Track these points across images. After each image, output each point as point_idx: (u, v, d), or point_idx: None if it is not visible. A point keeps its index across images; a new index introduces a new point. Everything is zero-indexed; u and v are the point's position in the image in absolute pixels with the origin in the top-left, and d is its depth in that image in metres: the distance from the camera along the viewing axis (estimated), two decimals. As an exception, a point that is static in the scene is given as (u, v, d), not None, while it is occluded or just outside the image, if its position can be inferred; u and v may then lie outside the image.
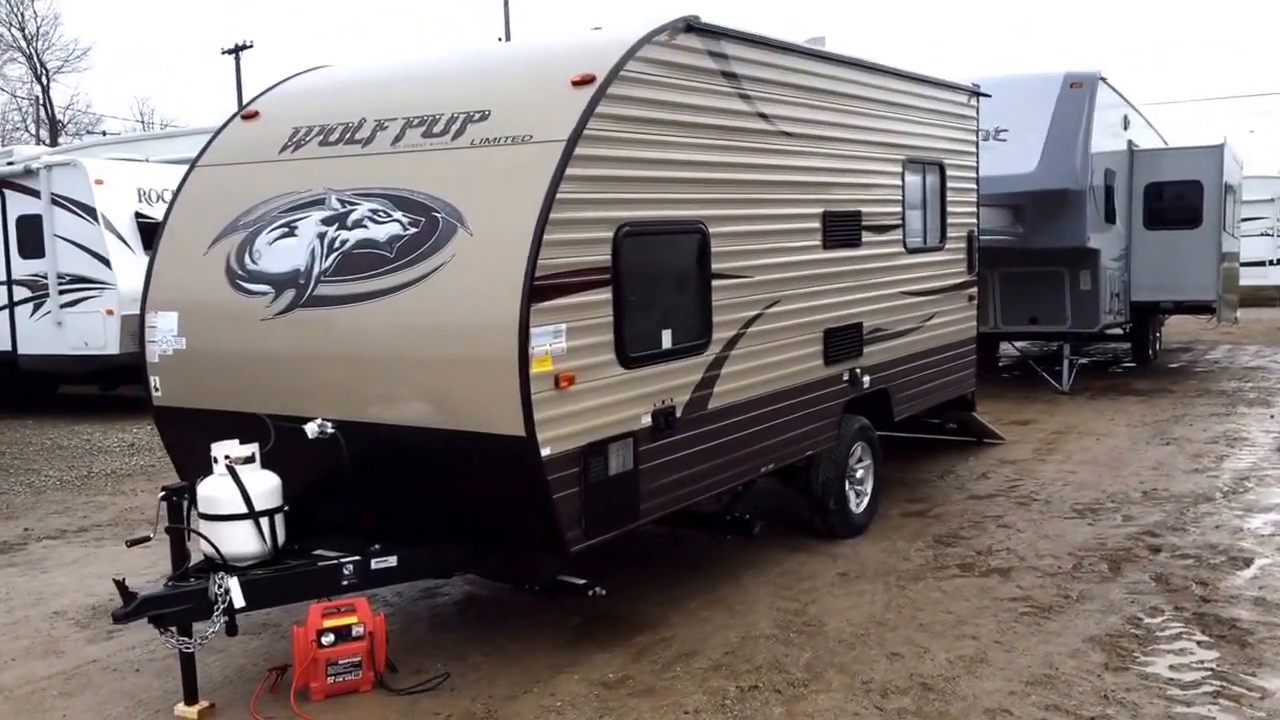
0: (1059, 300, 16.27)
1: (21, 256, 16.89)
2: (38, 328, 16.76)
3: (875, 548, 8.68)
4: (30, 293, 16.84)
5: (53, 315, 16.52)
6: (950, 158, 10.39)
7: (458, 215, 6.05)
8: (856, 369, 8.83)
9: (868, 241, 8.92)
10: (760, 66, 7.55)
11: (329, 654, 6.13)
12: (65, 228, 16.30)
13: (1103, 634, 6.77)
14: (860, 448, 9.09)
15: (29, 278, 16.81)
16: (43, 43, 51.34)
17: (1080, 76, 15.12)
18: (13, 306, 17.03)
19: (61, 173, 16.36)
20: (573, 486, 6.02)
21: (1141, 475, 11.02)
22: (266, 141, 7.24)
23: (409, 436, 6.13)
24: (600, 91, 6.14)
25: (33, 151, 17.35)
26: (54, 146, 34.63)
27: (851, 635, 6.86)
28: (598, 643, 6.83)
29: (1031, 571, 8.00)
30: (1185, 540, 8.69)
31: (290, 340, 6.52)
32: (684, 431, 6.87)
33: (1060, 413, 14.93)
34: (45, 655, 7.00)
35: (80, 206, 16.13)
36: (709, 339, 7.08)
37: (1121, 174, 17.00)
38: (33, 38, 50.87)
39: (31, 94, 51.23)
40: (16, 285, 16.98)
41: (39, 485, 12.15)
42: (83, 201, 16.09)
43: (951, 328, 10.56)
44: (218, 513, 5.96)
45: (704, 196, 7.03)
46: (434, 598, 7.81)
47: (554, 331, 5.84)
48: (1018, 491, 10.44)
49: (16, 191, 16.79)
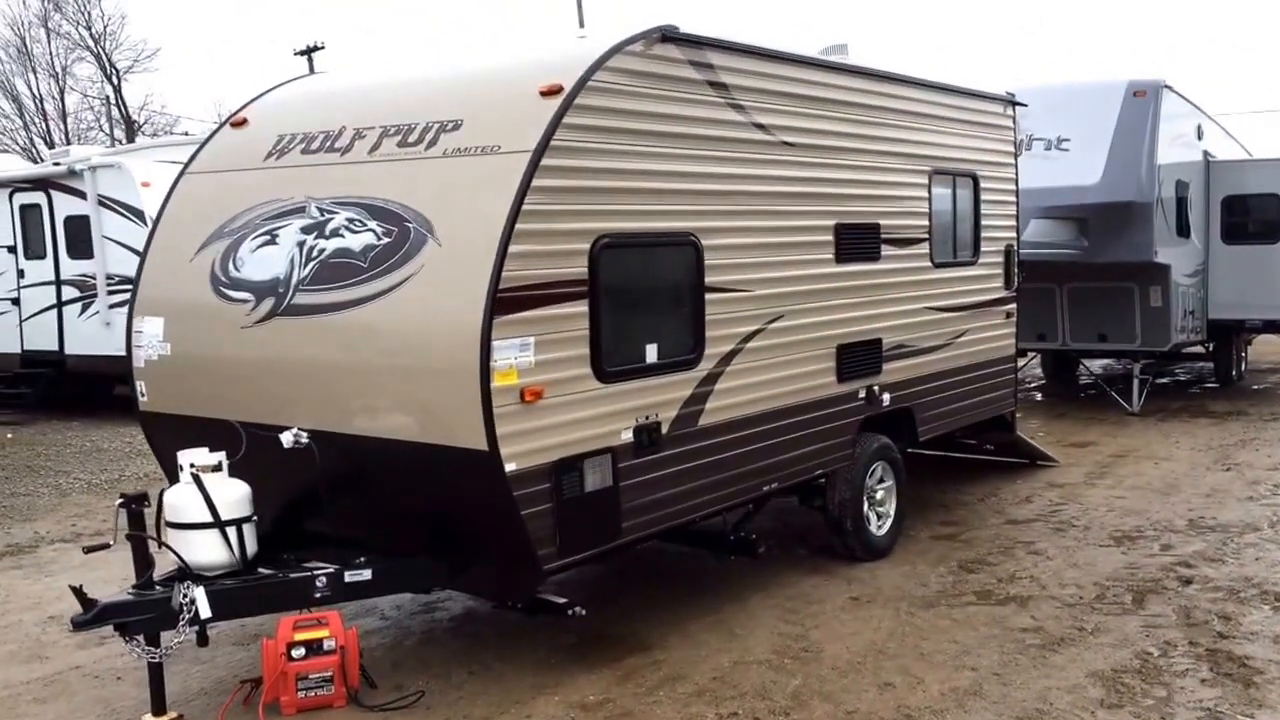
0: (1128, 317, 15.95)
1: (70, 257, 17.30)
2: (86, 328, 17.15)
3: (895, 571, 8.58)
4: (79, 293, 17.24)
5: (101, 315, 16.88)
6: (984, 169, 10.25)
7: (428, 225, 6.10)
8: (875, 386, 8.75)
9: (888, 255, 8.83)
10: (753, 76, 7.48)
11: (299, 667, 6.18)
12: (113, 229, 16.67)
13: (1107, 669, 6.64)
14: (880, 468, 8.99)
15: (78, 278, 17.22)
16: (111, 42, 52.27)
17: (1144, 84, 14.83)
18: (61, 306, 17.43)
19: (107, 174, 16.74)
20: (543, 503, 6.02)
21: (1191, 502, 10.78)
22: (253, 149, 7.35)
23: (380, 448, 6.19)
24: (568, 102, 6.13)
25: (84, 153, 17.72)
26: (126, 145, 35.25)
27: (847, 663, 6.79)
28: (586, 664, 6.83)
29: (1050, 601, 7.86)
30: (1220, 572, 8.49)
31: (269, 348, 6.61)
32: (671, 448, 6.85)
33: (1124, 435, 14.64)
34: (29, 660, 7.16)
35: (127, 208, 16.48)
36: (700, 354, 7.05)
37: (1196, 186, 16.65)
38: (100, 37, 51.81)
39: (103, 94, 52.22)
40: (65, 285, 17.38)
41: (65, 488, 12.42)
42: (129, 203, 16.43)
43: (986, 345, 10.41)
44: (182, 521, 6.05)
45: (696, 208, 7.01)
46: (431, 612, 7.86)
47: (520, 344, 5.85)
48: (1057, 517, 10.27)
49: (63, 193, 17.21)
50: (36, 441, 15.80)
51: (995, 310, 10.57)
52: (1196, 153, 16.80)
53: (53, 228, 17.49)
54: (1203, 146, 17.05)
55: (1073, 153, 14.56)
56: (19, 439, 16.04)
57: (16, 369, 18.31)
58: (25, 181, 18.12)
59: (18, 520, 10.97)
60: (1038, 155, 14.50)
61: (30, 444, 15.62)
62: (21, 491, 12.30)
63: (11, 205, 17.99)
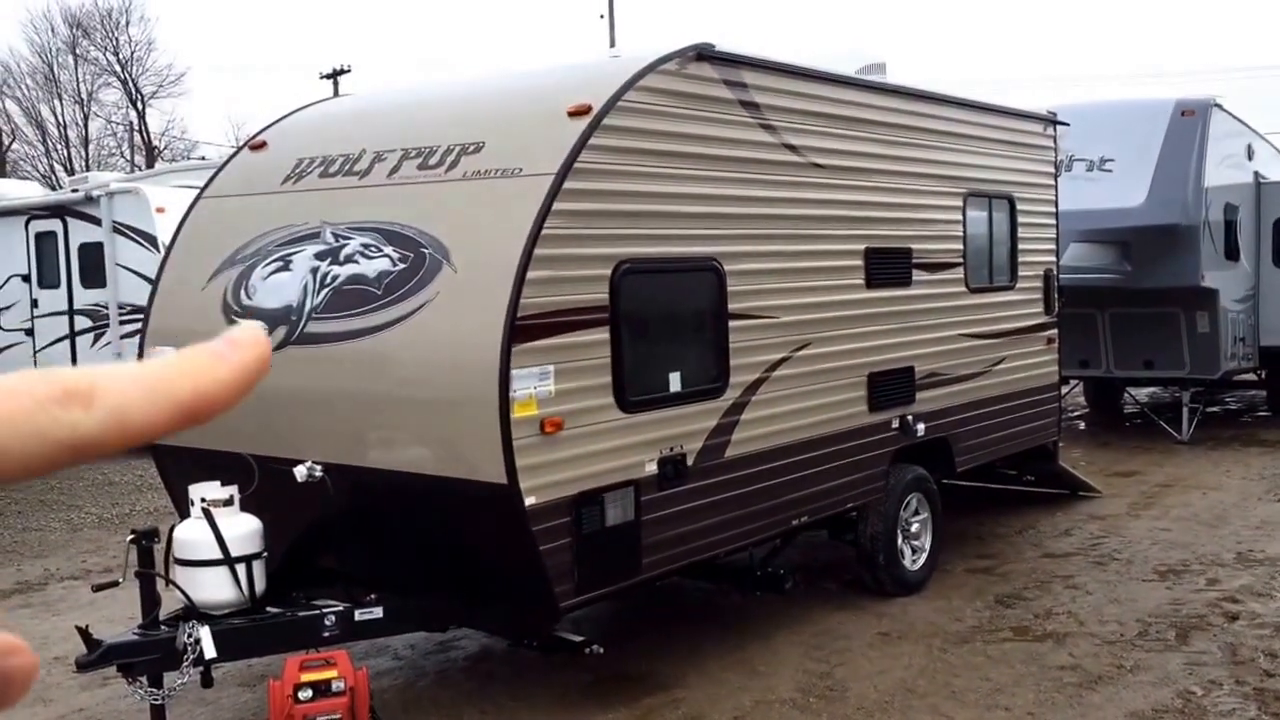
0: (1175, 344, 15.83)
1: (83, 286, 17.43)
2: (98, 358, 17.24)
3: (928, 606, 8.56)
4: (91, 322, 17.36)
5: (113, 345, 17.00)
6: (1022, 190, 10.25)
7: (444, 251, 6.14)
8: (908, 416, 8.74)
9: (921, 280, 8.84)
10: (786, 96, 7.54)
11: (306, 710, 6.16)
12: (126, 256, 16.80)
13: (1148, 709, 6.61)
14: (915, 500, 8.98)
15: (90, 307, 17.34)
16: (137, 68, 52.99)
17: (1192, 103, 14.78)
18: (74, 336, 17.57)
19: (123, 200, 16.86)
20: (562, 538, 6.03)
21: (1240, 535, 10.70)
22: (270, 172, 7.42)
23: (395, 481, 6.21)
24: (595, 123, 6.18)
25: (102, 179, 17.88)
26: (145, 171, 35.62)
27: (874, 702, 6.77)
28: (603, 703, 6.83)
29: (1089, 638, 7.82)
30: (1269, 608, 8.43)
31: (282, 378, 6.62)
32: (696, 481, 6.85)
33: (1171, 464, 14.55)
34: (33, 703, 7.19)
35: (141, 234, 16.60)
36: (726, 383, 7.06)
37: (1246, 208, 16.56)
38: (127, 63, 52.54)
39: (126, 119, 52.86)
40: (78, 315, 17.53)
41: (76, 522, 12.50)
42: (144, 230, 16.56)
43: (1026, 372, 10.39)
44: (192, 558, 6.09)
45: (720, 232, 7.04)
46: (446, 651, 7.87)
47: (540, 374, 5.87)
48: (1098, 550, 10.21)
49: (79, 220, 17.36)
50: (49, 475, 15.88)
51: (1035, 336, 10.55)
52: (1247, 174, 16.72)
53: (67, 255, 17.62)
54: (1253, 167, 16.96)
55: (1116, 174, 14.50)
56: (32, 472, 16.14)
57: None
58: (41, 208, 18.29)
59: (29, 556, 11.05)
60: (1079, 176, 14.45)
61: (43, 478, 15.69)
62: (34, 526, 12.38)
63: (27, 233, 18.15)
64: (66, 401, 0.60)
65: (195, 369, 0.65)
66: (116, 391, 0.62)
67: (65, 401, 0.60)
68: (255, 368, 0.66)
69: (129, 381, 0.63)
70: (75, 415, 0.60)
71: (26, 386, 0.60)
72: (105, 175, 19.70)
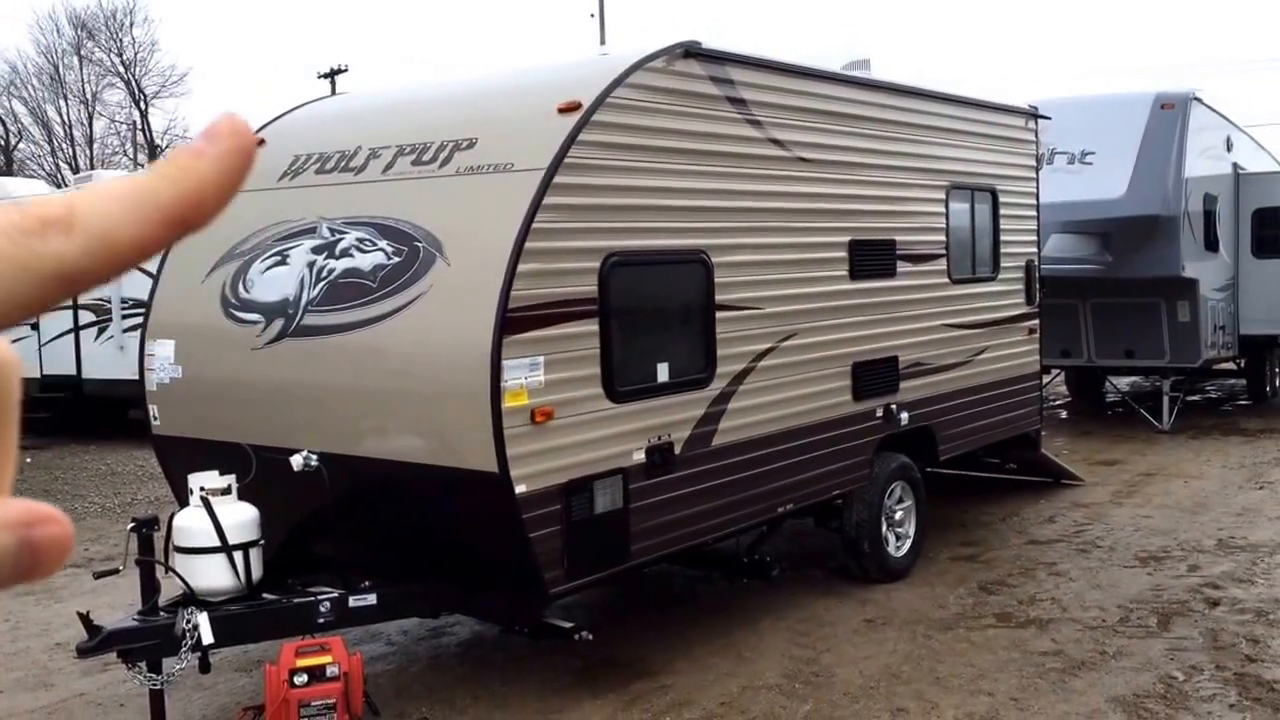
0: (1156, 333, 15.88)
1: (85, 281, 17.44)
2: (101, 352, 17.28)
3: (912, 593, 8.58)
4: (94, 317, 17.37)
5: (115, 340, 17.01)
6: (1004, 183, 10.28)
7: (437, 245, 6.16)
8: (892, 405, 8.77)
9: (905, 271, 8.86)
10: (771, 91, 7.55)
11: (301, 694, 6.19)
12: (128, 252, 16.80)
13: (1129, 694, 6.62)
14: (899, 487, 9.00)
15: (93, 302, 17.35)
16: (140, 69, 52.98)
17: (1172, 97, 14.81)
18: (78, 331, 17.58)
19: (125, 196, 16.87)
20: (552, 525, 6.06)
21: (1221, 522, 10.74)
22: (268, 169, 7.41)
23: (388, 471, 6.23)
24: (585, 119, 6.20)
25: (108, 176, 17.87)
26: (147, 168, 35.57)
27: (859, 688, 6.79)
28: (592, 689, 6.86)
29: (1072, 624, 7.85)
30: (1249, 593, 8.46)
31: (279, 370, 6.67)
32: (684, 469, 6.88)
33: (1153, 453, 14.59)
34: (35, 688, 7.23)
35: (142, 230, 16.60)
36: (713, 373, 7.09)
37: (1225, 199, 16.60)
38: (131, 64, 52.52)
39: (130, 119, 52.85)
40: (81, 309, 17.54)
41: (80, 512, 12.53)
42: (144, 225, 16.55)
43: (1008, 362, 10.42)
44: (190, 545, 6.11)
45: (707, 225, 7.06)
46: (439, 637, 7.89)
47: (530, 364, 5.89)
48: (1082, 537, 10.24)
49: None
50: (54, 465, 15.93)
51: (1017, 326, 10.59)
52: (1226, 165, 16.75)
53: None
54: (1232, 159, 17.00)
55: (1097, 166, 14.52)
56: (37, 463, 16.16)
57: (36, 393, 18.47)
58: None
59: (32, 545, 11.05)
60: (1060, 169, 14.48)
61: (48, 468, 15.75)
62: (36, 515, 12.38)
63: (30, 230, 18.16)
64: (44, 232, 0.56)
65: (175, 172, 0.60)
66: (97, 213, 0.57)
67: (42, 232, 0.56)
68: (239, 158, 0.61)
69: (108, 200, 0.58)
70: (56, 245, 0.56)
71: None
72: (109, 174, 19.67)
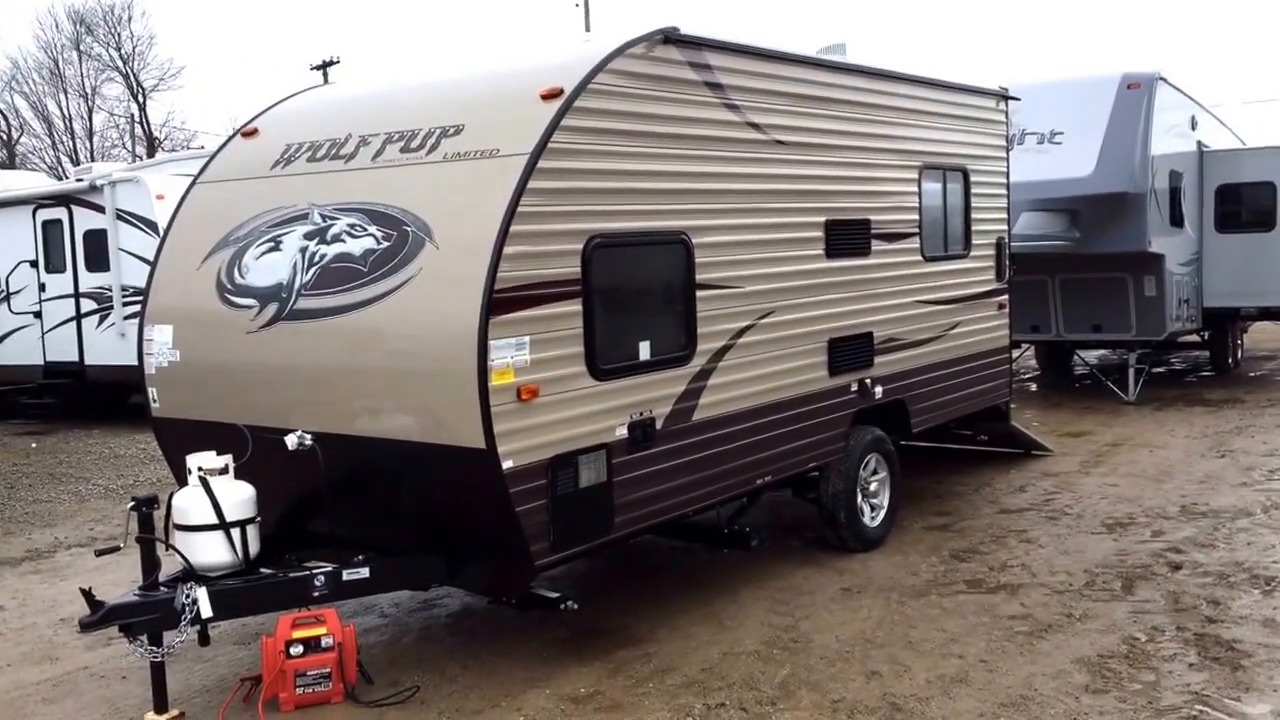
0: (1123, 307, 15.91)
1: (88, 270, 17.42)
2: (103, 339, 17.27)
3: (886, 562, 8.59)
4: (96, 305, 17.36)
5: (117, 327, 16.98)
6: (975, 163, 10.27)
7: (426, 229, 6.14)
8: (867, 379, 8.77)
9: (879, 250, 8.85)
10: (748, 76, 7.52)
11: (297, 664, 6.22)
12: (128, 241, 16.79)
13: (1094, 655, 6.64)
14: (874, 459, 9.01)
15: (95, 290, 17.34)
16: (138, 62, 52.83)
17: (1138, 77, 14.81)
18: (80, 319, 17.56)
19: (125, 189, 16.88)
20: (538, 499, 6.06)
21: (1185, 489, 10.77)
22: (261, 158, 7.40)
23: (380, 449, 6.23)
24: (567, 105, 6.18)
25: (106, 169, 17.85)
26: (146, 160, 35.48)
27: (835, 652, 6.80)
28: (578, 657, 6.86)
29: (1040, 589, 7.86)
30: (1211, 557, 8.49)
31: (273, 352, 6.66)
32: (665, 444, 6.88)
33: (1120, 424, 14.62)
34: (40, 661, 7.22)
35: (143, 221, 16.59)
36: (693, 350, 7.08)
37: (1190, 176, 16.64)
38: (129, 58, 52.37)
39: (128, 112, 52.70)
40: (83, 298, 17.52)
41: (84, 494, 12.51)
42: (145, 216, 16.54)
43: (979, 337, 10.42)
44: (189, 523, 6.09)
45: (687, 207, 7.04)
46: (429, 609, 7.89)
47: (516, 344, 5.88)
48: (1051, 505, 10.27)
49: (84, 208, 17.37)
50: (58, 450, 15.90)
51: (988, 302, 10.59)
52: (1190, 143, 16.78)
53: (72, 242, 17.64)
54: (1196, 137, 17.03)
55: (1066, 145, 14.54)
56: (43, 448, 16.14)
57: (40, 380, 18.47)
58: (48, 198, 18.29)
59: (39, 526, 11.06)
60: (1030, 149, 14.51)
61: (53, 452, 15.71)
62: (43, 498, 12.38)
63: (34, 221, 18.15)
64: None
65: None
66: None
67: None
68: None
69: None
70: None
71: None
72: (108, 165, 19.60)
